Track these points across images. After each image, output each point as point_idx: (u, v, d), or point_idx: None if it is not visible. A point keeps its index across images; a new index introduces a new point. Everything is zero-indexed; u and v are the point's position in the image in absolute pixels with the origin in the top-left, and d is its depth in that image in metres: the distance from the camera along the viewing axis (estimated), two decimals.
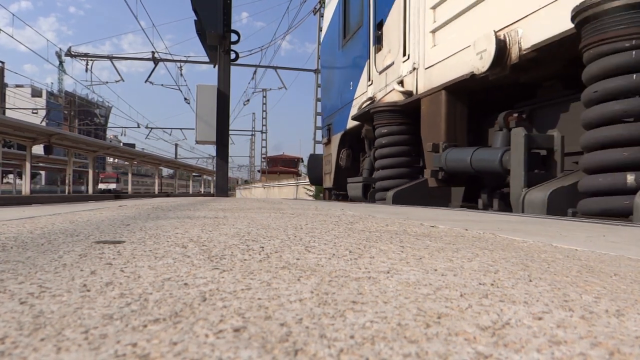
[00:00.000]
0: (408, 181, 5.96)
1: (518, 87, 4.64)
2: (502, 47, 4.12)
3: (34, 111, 43.28)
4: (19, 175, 29.33)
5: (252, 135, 52.50)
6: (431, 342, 0.55)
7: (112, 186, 37.65)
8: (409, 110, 6.04)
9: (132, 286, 0.82)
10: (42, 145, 16.36)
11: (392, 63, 6.47)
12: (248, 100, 33.37)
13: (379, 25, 6.89)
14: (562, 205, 3.62)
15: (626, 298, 0.81)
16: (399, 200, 5.68)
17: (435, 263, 1.14)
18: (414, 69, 5.82)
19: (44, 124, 34.99)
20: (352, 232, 1.90)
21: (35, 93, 51.62)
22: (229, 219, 2.62)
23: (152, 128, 40.47)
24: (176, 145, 55.10)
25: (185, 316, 0.64)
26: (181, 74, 24.22)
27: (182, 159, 55.09)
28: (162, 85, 25.47)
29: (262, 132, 45.32)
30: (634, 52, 2.98)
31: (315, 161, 9.87)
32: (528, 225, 2.39)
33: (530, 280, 0.94)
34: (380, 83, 6.83)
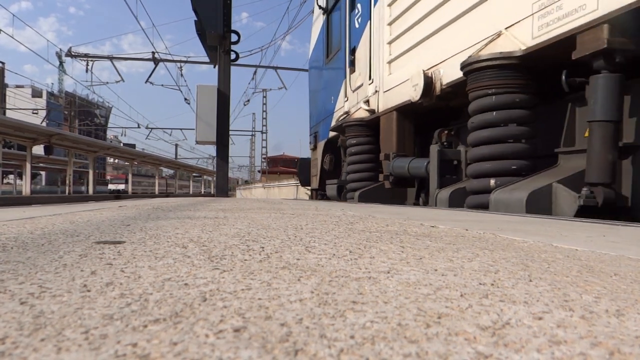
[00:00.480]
0: (372, 183, 7.23)
1: (450, 110, 5.82)
2: (429, 82, 5.33)
3: (34, 111, 43.30)
4: (19, 175, 29.35)
5: (252, 135, 52.53)
6: (431, 342, 0.55)
7: (121, 187, 41.25)
8: (372, 125, 7.27)
9: (133, 286, 0.82)
10: (42, 146, 16.37)
11: (362, 84, 7.74)
12: (248, 100, 33.38)
13: (353, 51, 8.22)
14: (459, 202, 4.78)
15: (626, 298, 0.81)
16: (363, 199, 6.99)
17: (435, 263, 1.14)
18: (376, 91, 7.08)
19: (44, 124, 35.00)
20: (352, 232, 1.90)
21: (36, 93, 51.61)
22: (229, 219, 2.62)
23: (152, 128, 40.52)
24: (176, 145, 55.13)
25: (186, 316, 0.64)
26: (181, 74, 24.23)
27: (183, 159, 55.11)
28: (162, 85, 25.48)
29: (262, 132, 45.38)
30: (494, 97, 4.26)
31: (304, 164, 11.11)
32: (528, 226, 2.39)
33: (531, 280, 0.94)
34: (354, 100, 8.12)
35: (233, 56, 13.10)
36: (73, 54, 21.36)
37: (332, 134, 9.06)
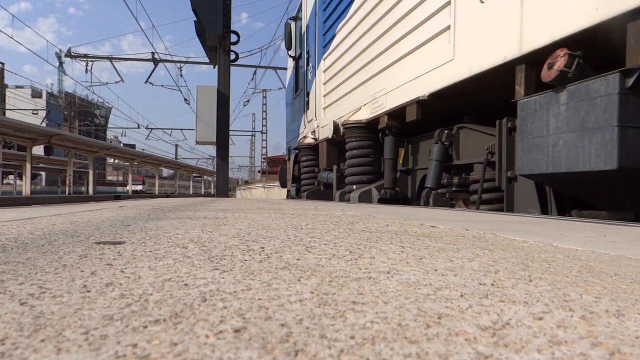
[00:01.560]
0: (314, 187, 10.55)
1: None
2: (336, 127, 8.44)
3: (34, 112, 43.27)
4: (19, 176, 29.34)
5: (252, 135, 52.52)
6: (431, 342, 0.55)
7: (139, 187, 46.66)
8: (316, 149, 10.37)
9: (133, 287, 0.82)
10: (42, 146, 16.37)
11: (312, 119, 10.95)
12: (248, 100, 33.38)
13: (307, 94, 11.44)
14: (343, 199, 8.07)
15: (626, 298, 0.81)
16: (309, 197, 10.23)
17: (435, 263, 1.14)
18: (318, 126, 10.27)
19: (44, 124, 35.01)
20: (352, 232, 1.90)
21: (35, 94, 51.57)
22: (229, 219, 2.62)
23: (152, 129, 40.49)
24: (176, 145, 55.08)
25: (186, 317, 0.64)
26: (181, 75, 24.24)
27: (183, 159, 55.11)
28: (162, 86, 25.51)
29: (262, 132, 45.32)
30: (355, 142, 7.51)
31: (282, 171, 14.27)
32: (528, 226, 2.39)
33: (531, 280, 0.94)
34: (308, 129, 11.33)
35: (233, 56, 13.11)
36: (73, 54, 21.36)
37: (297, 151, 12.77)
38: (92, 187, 20.41)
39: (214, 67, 13.59)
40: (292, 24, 12.58)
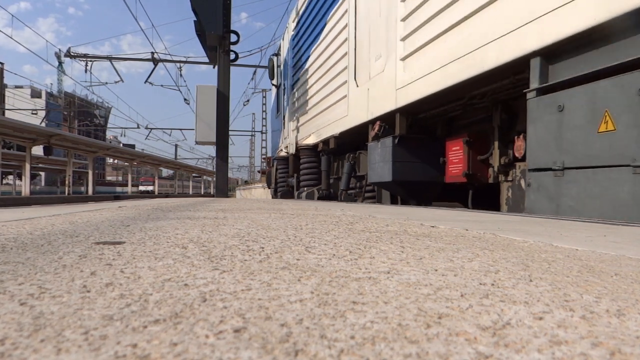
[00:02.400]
0: (286, 189, 13.43)
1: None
2: (297, 147, 11.78)
3: (34, 112, 43.22)
4: (19, 176, 29.31)
5: (251, 135, 52.46)
6: (432, 342, 0.55)
7: (150, 188, 47.56)
8: (288, 160, 13.26)
9: (132, 287, 0.82)
10: (41, 146, 16.36)
11: (287, 137, 13.90)
12: (248, 100, 33.37)
13: (284, 117, 14.43)
14: (300, 197, 11.11)
15: (627, 298, 0.81)
16: (282, 196, 13.34)
17: (435, 263, 1.14)
18: (290, 143, 13.04)
19: (43, 124, 34.98)
20: (352, 232, 1.90)
21: (35, 94, 51.49)
22: (228, 219, 2.62)
23: (151, 129, 40.43)
24: (176, 145, 55.05)
25: (186, 317, 0.64)
26: (181, 75, 24.19)
27: (182, 159, 55.09)
28: (161, 85, 25.45)
29: (262, 132, 45.28)
30: (305, 159, 11.12)
31: (268, 174, 17.27)
32: (528, 226, 2.39)
33: (531, 280, 0.94)
34: (284, 144, 14.25)
35: (232, 56, 13.10)
36: (72, 54, 21.33)
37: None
38: (92, 188, 20.40)
39: (214, 67, 13.59)
40: (275, 59, 15.65)
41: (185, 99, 25.75)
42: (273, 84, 16.31)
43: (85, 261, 1.09)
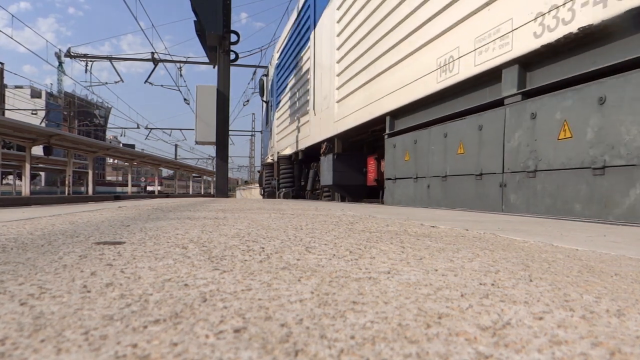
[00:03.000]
0: (271, 190, 15.32)
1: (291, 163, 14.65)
2: (279, 156, 14.50)
3: (34, 112, 43.22)
4: (19, 176, 29.31)
5: (252, 135, 52.51)
6: (432, 342, 0.55)
7: (159, 188, 47.06)
8: (273, 166, 15.53)
9: (133, 287, 0.82)
10: (41, 146, 16.35)
11: (272, 146, 16.67)
12: (248, 100, 33.29)
13: (271, 129, 17.26)
14: (280, 196, 14.16)
15: (627, 298, 0.81)
16: (268, 197, 15.75)
17: (435, 263, 1.14)
18: (274, 152, 15.74)
19: (43, 124, 34.98)
20: (352, 232, 1.90)
21: (35, 94, 51.48)
22: (229, 219, 2.62)
23: (151, 129, 40.42)
24: (176, 145, 55.02)
25: (186, 317, 0.64)
26: (181, 75, 24.18)
27: (182, 159, 55.09)
28: (161, 85, 25.46)
29: (261, 132, 45.28)
30: (284, 166, 14.18)
31: (260, 177, 19.81)
32: (528, 226, 2.39)
33: (531, 280, 0.94)
34: (270, 152, 17.13)
35: (232, 56, 13.09)
36: (72, 54, 21.32)
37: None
38: (92, 188, 20.40)
39: (214, 67, 13.59)
40: (264, 79, 19.18)
41: (185, 99, 25.75)
42: (263, 100, 19.92)
43: (86, 261, 1.09)
